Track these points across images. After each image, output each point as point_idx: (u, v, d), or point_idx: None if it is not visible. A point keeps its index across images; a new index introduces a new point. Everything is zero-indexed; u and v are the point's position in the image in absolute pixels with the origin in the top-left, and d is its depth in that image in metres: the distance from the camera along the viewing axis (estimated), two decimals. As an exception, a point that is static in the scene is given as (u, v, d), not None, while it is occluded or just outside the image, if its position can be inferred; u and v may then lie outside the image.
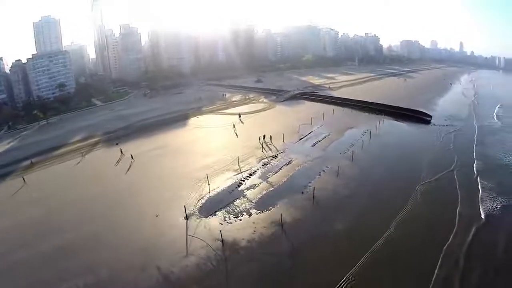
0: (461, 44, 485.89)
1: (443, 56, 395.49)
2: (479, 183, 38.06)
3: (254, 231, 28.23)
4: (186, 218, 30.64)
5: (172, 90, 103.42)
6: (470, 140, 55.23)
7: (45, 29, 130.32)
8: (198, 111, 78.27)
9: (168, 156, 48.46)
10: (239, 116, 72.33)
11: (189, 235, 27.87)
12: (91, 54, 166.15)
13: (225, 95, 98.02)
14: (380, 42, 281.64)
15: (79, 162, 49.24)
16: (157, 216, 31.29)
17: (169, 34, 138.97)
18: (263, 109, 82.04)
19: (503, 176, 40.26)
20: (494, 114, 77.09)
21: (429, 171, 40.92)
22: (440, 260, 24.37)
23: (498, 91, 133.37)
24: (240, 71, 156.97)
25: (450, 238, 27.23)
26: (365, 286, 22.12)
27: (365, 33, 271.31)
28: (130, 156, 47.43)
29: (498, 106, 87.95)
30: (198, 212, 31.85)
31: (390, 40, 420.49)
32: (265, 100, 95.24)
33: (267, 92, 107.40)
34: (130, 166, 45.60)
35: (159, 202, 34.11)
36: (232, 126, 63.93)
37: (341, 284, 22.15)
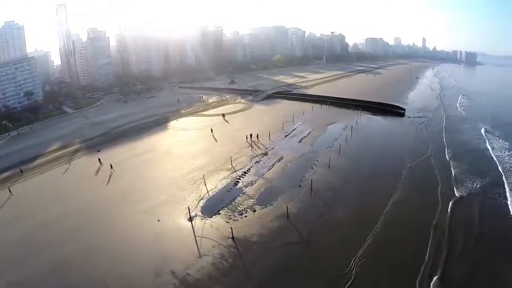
0: (424, 40, 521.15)
1: (407, 52, 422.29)
2: (451, 166, 42.50)
3: (262, 225, 28.92)
4: (190, 219, 30.52)
5: (144, 95, 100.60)
6: (440, 128, 60.80)
7: (8, 35, 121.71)
8: (178, 114, 77.18)
9: (157, 159, 47.48)
10: (223, 116, 72.60)
11: (197, 236, 27.78)
12: (56, 60, 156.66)
13: (202, 97, 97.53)
14: (346, 41, 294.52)
15: (65, 171, 46.56)
16: (158, 220, 30.74)
17: (138, 38, 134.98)
18: (243, 109, 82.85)
19: (470, 159, 45.06)
20: (458, 104, 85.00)
21: (410, 158, 44.80)
22: (431, 235, 27.34)
23: (460, 83, 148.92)
24: (211, 73, 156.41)
25: (436, 215, 30.52)
26: (374, 263, 23.95)
27: (331, 32, 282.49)
28: (110, 166, 44.76)
29: (461, 96, 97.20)
30: (201, 213, 31.83)
31: (355, 38, 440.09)
32: (242, 101, 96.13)
33: (243, 93, 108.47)
34: (111, 175, 43.26)
35: (156, 207, 33.40)
36: (216, 126, 63.99)
37: (352, 264, 23.77)
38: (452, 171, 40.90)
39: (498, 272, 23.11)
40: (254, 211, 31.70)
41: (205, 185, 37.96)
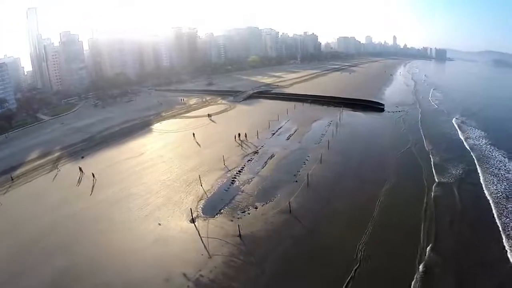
0: (395, 38, 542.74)
1: (378, 50, 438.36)
2: (430, 154, 45.77)
3: (266, 221, 29.23)
4: (193, 221, 30.26)
5: (121, 99, 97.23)
6: (417, 121, 64.85)
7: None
8: (160, 117, 75.53)
9: (147, 163, 46.09)
10: (210, 116, 72.37)
11: (203, 236, 27.57)
12: (27, 67, 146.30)
13: (183, 99, 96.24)
14: (319, 40, 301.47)
15: (54, 177, 44.12)
16: (159, 224, 30.09)
17: (111, 41, 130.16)
18: (226, 110, 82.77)
19: (445, 148, 48.83)
20: (430, 98, 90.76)
21: (394, 149, 47.64)
22: (423, 215, 29.97)
23: (431, 78, 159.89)
24: (187, 75, 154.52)
25: (425, 198, 33.11)
26: (377, 246, 25.48)
27: (304, 32, 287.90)
28: (92, 175, 42.34)
29: (432, 89, 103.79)
30: (203, 213, 31.56)
31: (327, 37, 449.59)
32: (223, 102, 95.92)
33: (223, 94, 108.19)
34: (94, 184, 40.96)
35: (154, 211, 32.59)
36: (202, 127, 63.63)
37: (358, 249, 24.98)
38: (432, 159, 44.06)
39: (477, 239, 26.60)
40: (256, 208, 32.01)
41: (201, 185, 37.74)
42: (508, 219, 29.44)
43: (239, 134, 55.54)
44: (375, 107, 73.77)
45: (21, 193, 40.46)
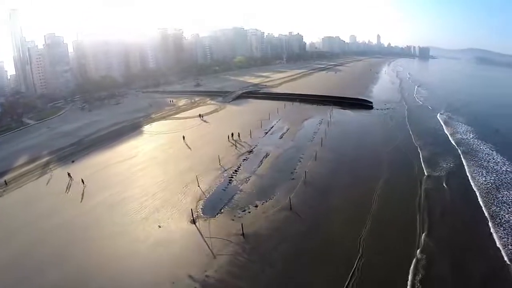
0: (378, 37, 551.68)
1: (363, 49, 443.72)
2: (419, 149, 47.29)
3: (267, 219, 29.23)
4: (194, 221, 29.94)
5: (109, 101, 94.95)
6: (404, 118, 66.72)
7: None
8: (150, 119, 74.24)
9: (141, 165, 45.09)
10: (202, 117, 72.09)
11: (206, 237, 27.17)
12: (10, 70, 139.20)
13: (172, 101, 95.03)
14: (304, 40, 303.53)
15: (47, 182, 42.69)
16: (159, 227, 29.56)
17: (96, 43, 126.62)
18: (216, 110, 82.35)
19: (432, 142, 50.59)
20: (415, 95, 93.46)
21: (384, 145, 48.90)
22: (417, 207, 31.06)
23: (415, 75, 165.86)
24: (174, 77, 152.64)
25: (418, 191, 34.19)
26: (377, 238, 26.11)
27: (289, 32, 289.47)
28: (81, 181, 40.63)
29: (416, 87, 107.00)
30: (203, 214, 31.29)
31: (312, 37, 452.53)
32: (213, 102, 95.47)
33: (212, 94, 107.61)
34: (83, 190, 39.56)
35: (152, 213, 31.98)
36: (194, 128, 63.18)
37: (359, 243, 25.53)
38: (420, 154, 45.41)
39: (466, 227, 28.16)
40: (256, 206, 31.99)
41: (199, 186, 37.38)
42: (494, 208, 30.79)
43: (232, 134, 55.38)
44: (364, 104, 75.19)
45: (11, 200, 38.72)
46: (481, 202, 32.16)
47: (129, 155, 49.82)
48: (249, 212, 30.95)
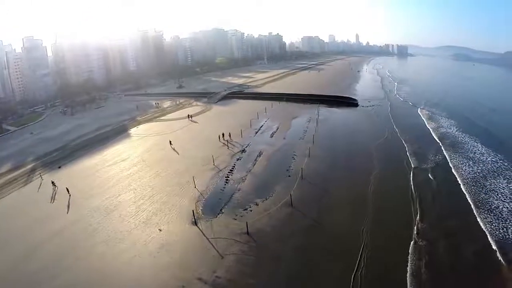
0: (357, 36, 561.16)
1: (342, 48, 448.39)
2: (403, 142, 49.31)
3: (270, 216, 29.11)
4: (195, 223, 29.33)
5: (90, 105, 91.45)
6: (388, 114, 68.76)
7: None
8: (135, 121, 72.14)
9: (132, 168, 43.41)
10: (191, 117, 71.18)
11: (210, 237, 26.65)
12: None
13: (158, 103, 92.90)
14: (283, 40, 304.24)
15: (35, 189, 40.04)
16: (160, 230, 28.59)
17: (76, 46, 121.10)
18: (203, 111, 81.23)
19: (415, 136, 52.76)
20: (396, 91, 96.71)
21: (372, 140, 50.39)
22: (410, 195, 32.76)
23: (395, 73, 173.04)
24: (156, 79, 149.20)
25: (410, 182, 35.89)
26: (378, 227, 27.21)
27: (269, 32, 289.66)
28: (67, 189, 37.68)
29: (396, 83, 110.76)
30: (204, 215, 30.73)
31: (292, 37, 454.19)
32: (198, 103, 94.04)
33: (196, 96, 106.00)
34: (69, 199, 37.83)
35: (150, 217, 30.90)
36: (184, 129, 62.12)
37: (363, 233, 26.28)
38: (406, 147, 47.27)
39: (453, 211, 30.32)
40: (257, 204, 31.79)
41: (195, 187, 36.65)
42: (483, 196, 32.70)
43: (223, 134, 54.73)
44: (349, 102, 76.77)
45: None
46: (464, 190, 34.19)
47: (119, 159, 48.09)
48: (251, 211, 30.72)
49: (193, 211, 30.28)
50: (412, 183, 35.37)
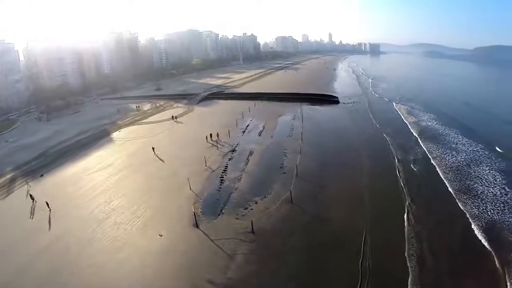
0: (330, 35, 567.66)
1: (315, 48, 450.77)
2: (385, 135, 51.72)
3: (271, 214, 28.78)
4: (197, 225, 28.39)
5: (66, 111, 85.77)
6: (367, 110, 71.06)
7: None
8: (116, 125, 68.67)
9: (120, 173, 40.85)
10: (175, 118, 69.56)
11: (214, 239, 25.81)
12: None
13: (138, 106, 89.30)
14: (258, 40, 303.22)
15: (26, 195, 36.86)
16: (161, 236, 27.15)
17: (48, 50, 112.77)
18: (185, 113, 79.14)
19: (394, 129, 55.61)
20: (371, 88, 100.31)
21: (357, 136, 52.38)
22: (400, 185, 34.23)
23: (369, 70, 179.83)
24: (133, 82, 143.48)
25: (396, 172, 37.79)
26: (377, 216, 28.31)
27: (243, 33, 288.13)
28: (46, 203, 33.91)
29: (371, 80, 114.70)
30: (204, 216, 29.83)
31: (265, 37, 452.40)
32: (179, 105, 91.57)
33: (176, 98, 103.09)
34: (49, 217, 33.54)
35: (148, 223, 29.33)
36: (169, 130, 60.28)
37: (363, 225, 26.85)
38: (388, 140, 49.48)
39: (436, 196, 32.88)
40: (256, 202, 31.31)
41: (190, 188, 35.47)
42: (469, 182, 35.16)
43: (210, 135, 53.66)
44: (330, 100, 78.31)
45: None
46: (442, 176, 36.91)
47: (105, 164, 45.46)
48: (252, 209, 30.24)
49: (194, 213, 29.23)
50: (399, 173, 37.07)
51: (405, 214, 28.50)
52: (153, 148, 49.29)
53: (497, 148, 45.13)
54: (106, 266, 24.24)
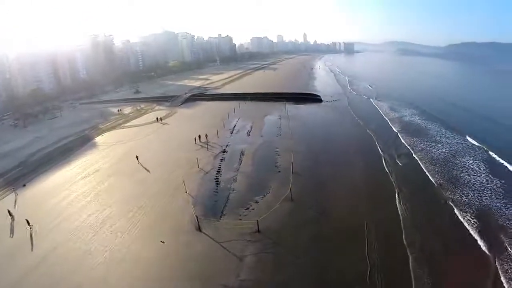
0: (305, 35, 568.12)
1: (290, 48, 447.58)
2: (367, 129, 53.87)
3: (274, 212, 28.10)
4: (199, 229, 27.18)
5: (44, 116, 79.72)
6: (348, 107, 72.48)
7: None
8: (99, 130, 64.71)
9: (109, 179, 38.08)
10: (160, 120, 67.34)
11: (220, 242, 24.78)
12: None
13: (120, 110, 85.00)
14: (233, 41, 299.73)
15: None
16: (163, 242, 25.62)
17: (21, 55, 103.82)
18: (169, 115, 76.39)
19: (375, 124, 57.60)
20: (349, 86, 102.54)
21: (343, 133, 53.67)
22: (389, 174, 36.01)
23: (345, 69, 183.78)
24: (110, 85, 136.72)
25: (384, 165, 39.01)
26: (373, 203, 29.71)
27: (218, 34, 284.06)
28: (26, 222, 30.01)
29: (347, 78, 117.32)
30: (205, 219, 28.63)
31: (241, 38, 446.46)
32: (161, 107, 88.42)
33: (157, 100, 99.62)
34: (31, 235, 32.16)
35: (147, 230, 27.68)
36: (155, 133, 57.85)
37: (360, 212, 27.66)
38: (372, 136, 50.83)
39: (422, 185, 34.61)
40: (257, 202, 30.63)
41: (186, 191, 34.01)
42: (456, 172, 36.97)
43: (199, 136, 52.07)
44: (313, 98, 78.97)
45: None
46: (424, 169, 38.27)
47: (92, 170, 42.52)
48: (253, 209, 29.48)
49: (196, 216, 27.81)
50: (387, 166, 38.29)
51: (398, 203, 29.56)
52: (136, 157, 44.69)
53: (469, 139, 48.44)
54: (109, 280, 22.29)
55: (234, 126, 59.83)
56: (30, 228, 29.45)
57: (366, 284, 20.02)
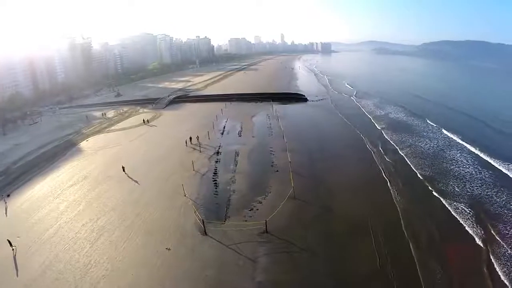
0: (282, 36, 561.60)
1: (268, 49, 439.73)
2: (353, 126, 55.17)
3: (279, 211, 27.29)
4: (205, 233, 25.79)
5: (22, 122, 73.40)
6: (332, 106, 73.71)
7: None
8: (83, 135, 60.57)
9: (101, 186, 35.36)
10: (147, 122, 64.92)
11: (229, 245, 23.62)
12: None
13: (105, 113, 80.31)
14: (212, 43, 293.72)
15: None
16: (168, 249, 23.93)
17: None
18: (155, 117, 73.15)
19: (358, 120, 59.59)
20: (330, 85, 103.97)
21: (332, 130, 54.36)
22: (380, 167, 37.07)
23: (322, 68, 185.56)
24: (89, 89, 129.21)
25: (375, 159, 40.12)
26: (371, 197, 30.41)
27: (197, 36, 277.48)
28: (8, 241, 25.96)
29: (327, 77, 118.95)
30: (209, 223, 27.20)
31: (219, 40, 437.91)
32: (145, 110, 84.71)
33: (140, 103, 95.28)
34: (14, 254, 28.78)
35: (148, 236, 25.71)
36: (143, 136, 55.17)
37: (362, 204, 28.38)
38: (358, 132, 51.96)
39: (409, 176, 35.98)
40: (260, 202, 29.72)
41: (185, 195, 32.35)
42: (446, 165, 38.79)
43: (190, 138, 50.07)
44: (299, 98, 78.96)
45: None
46: (409, 162, 39.67)
47: (80, 177, 39.33)
48: (257, 209, 28.54)
49: (202, 220, 26.34)
50: (377, 161, 39.23)
51: (393, 197, 30.22)
52: (123, 167, 40.42)
53: (444, 131, 51.43)
54: None
55: (224, 127, 58.35)
56: (14, 249, 25.70)
57: (379, 272, 20.27)
